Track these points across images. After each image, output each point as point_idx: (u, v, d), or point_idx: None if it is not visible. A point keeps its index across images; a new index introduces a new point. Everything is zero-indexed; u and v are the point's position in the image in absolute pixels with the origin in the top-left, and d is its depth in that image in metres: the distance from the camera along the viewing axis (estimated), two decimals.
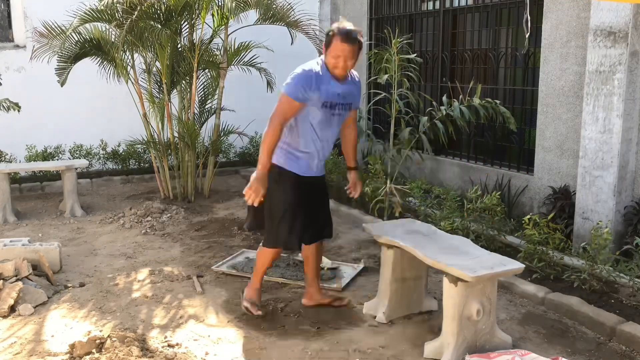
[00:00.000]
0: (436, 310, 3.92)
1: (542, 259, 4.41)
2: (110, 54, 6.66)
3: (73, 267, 4.81)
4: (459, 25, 6.81)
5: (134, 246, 5.39)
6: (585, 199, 4.78)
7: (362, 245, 5.39)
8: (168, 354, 3.31)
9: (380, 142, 5.58)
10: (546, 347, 3.49)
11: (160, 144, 6.96)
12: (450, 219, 5.10)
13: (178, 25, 6.55)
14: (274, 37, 7.42)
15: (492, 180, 6.11)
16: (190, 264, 4.89)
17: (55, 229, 5.95)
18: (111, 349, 3.23)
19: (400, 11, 7.74)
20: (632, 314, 3.74)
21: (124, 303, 4.10)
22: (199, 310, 3.99)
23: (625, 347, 3.46)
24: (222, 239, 5.60)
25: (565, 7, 5.25)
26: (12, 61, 7.78)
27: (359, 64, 8.79)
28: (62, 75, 6.73)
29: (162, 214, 6.29)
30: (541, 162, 5.61)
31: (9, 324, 3.74)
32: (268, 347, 3.46)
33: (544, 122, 5.55)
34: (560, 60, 5.34)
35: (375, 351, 3.41)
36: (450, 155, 6.93)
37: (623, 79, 4.46)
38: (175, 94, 7.07)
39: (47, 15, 6.87)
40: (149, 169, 8.10)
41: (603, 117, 4.62)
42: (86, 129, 8.13)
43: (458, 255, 3.36)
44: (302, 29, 6.90)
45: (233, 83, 7.60)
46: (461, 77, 6.77)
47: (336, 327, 3.71)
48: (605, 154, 4.62)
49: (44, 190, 7.57)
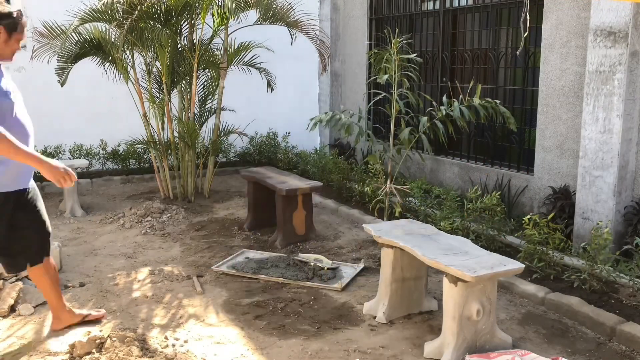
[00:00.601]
0: (436, 310, 3.92)
1: (542, 259, 4.41)
2: (110, 54, 6.66)
3: (73, 267, 4.81)
4: (459, 25, 6.81)
5: (134, 246, 5.39)
6: (585, 199, 4.78)
7: (362, 245, 5.40)
8: (168, 354, 3.31)
9: (380, 142, 5.58)
10: (546, 347, 3.49)
11: (161, 143, 6.96)
12: (450, 219, 5.10)
13: (178, 25, 6.55)
14: (274, 37, 7.43)
15: (492, 180, 6.11)
16: (190, 264, 4.89)
17: (55, 229, 5.94)
18: (111, 348, 3.23)
19: (400, 11, 7.74)
20: (632, 314, 3.74)
21: (124, 303, 4.10)
22: (199, 310, 3.99)
23: (625, 347, 3.46)
24: (222, 239, 5.60)
25: (565, 7, 5.25)
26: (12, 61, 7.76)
27: (359, 63, 8.75)
28: (62, 75, 6.73)
29: (162, 214, 6.29)
30: (541, 162, 5.61)
31: (9, 324, 3.74)
32: (268, 347, 3.46)
33: (544, 122, 5.55)
34: (560, 60, 5.34)
35: (375, 351, 3.41)
36: (450, 155, 6.93)
37: (623, 79, 4.46)
38: (176, 94, 7.07)
39: (47, 15, 6.87)
40: (149, 169, 8.10)
41: (603, 117, 4.62)
42: (86, 129, 8.13)
43: (458, 255, 3.36)
44: (302, 29, 6.90)
45: (233, 83, 7.61)
46: (461, 77, 6.77)
47: (336, 327, 3.71)
48: (605, 154, 4.62)
49: (44, 190, 7.56)
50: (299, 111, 9.20)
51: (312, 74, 9.46)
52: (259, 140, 8.98)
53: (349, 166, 7.31)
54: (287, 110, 9.22)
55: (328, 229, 5.89)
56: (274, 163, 8.36)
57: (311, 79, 9.53)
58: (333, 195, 6.95)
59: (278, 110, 9.12)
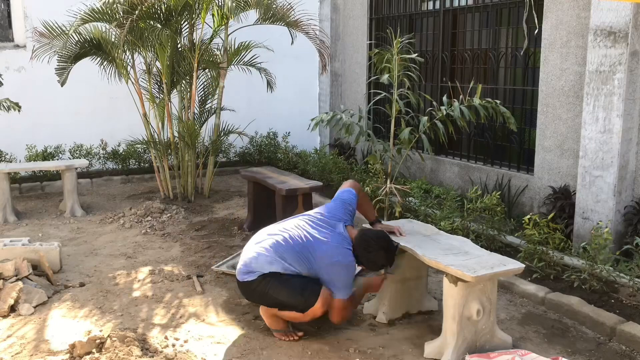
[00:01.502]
0: (436, 310, 3.92)
1: (542, 258, 4.41)
2: (110, 54, 6.66)
3: (73, 267, 4.81)
4: (459, 25, 6.81)
5: (134, 246, 5.39)
6: (585, 199, 4.78)
7: None
8: (168, 354, 3.31)
9: (380, 141, 5.57)
10: (546, 347, 3.49)
11: (161, 143, 6.96)
12: (450, 219, 5.10)
13: (178, 25, 6.55)
14: (274, 37, 7.43)
15: (492, 180, 6.11)
16: (190, 264, 4.89)
17: (55, 229, 5.95)
18: (111, 348, 3.23)
19: (400, 11, 7.74)
20: (632, 314, 3.74)
21: (124, 303, 4.10)
22: (199, 309, 3.99)
23: (625, 347, 3.46)
24: (222, 238, 5.60)
25: (565, 7, 5.25)
26: (12, 61, 7.78)
27: (359, 63, 8.71)
28: (62, 75, 6.73)
29: (162, 213, 6.29)
30: (541, 162, 5.61)
31: (9, 324, 3.74)
32: (268, 347, 3.46)
33: (544, 122, 5.55)
34: (561, 60, 5.34)
35: (375, 351, 3.41)
36: (450, 155, 6.93)
37: (623, 78, 4.46)
38: (176, 93, 7.07)
39: (47, 15, 6.87)
40: (149, 169, 8.10)
41: (603, 117, 4.62)
42: (86, 129, 8.13)
43: (458, 255, 3.36)
44: (302, 29, 6.90)
45: (233, 83, 7.60)
46: (461, 77, 6.77)
47: (336, 327, 3.71)
48: (605, 153, 4.62)
49: (44, 190, 7.57)
50: (299, 111, 9.20)
51: (312, 73, 9.46)
52: (259, 140, 8.98)
53: (349, 166, 7.31)
54: (287, 110, 9.21)
55: None
56: (274, 163, 8.35)
57: (311, 79, 9.53)
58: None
59: (278, 110, 9.12)
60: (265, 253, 3.45)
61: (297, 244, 3.44)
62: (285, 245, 3.45)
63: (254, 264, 3.45)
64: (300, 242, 3.44)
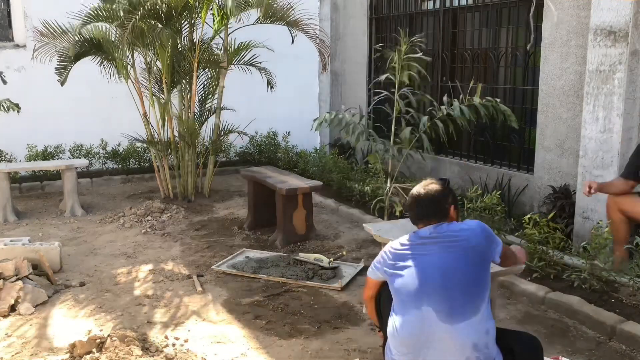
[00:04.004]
0: None
1: (542, 258, 4.41)
2: (110, 54, 6.66)
3: (73, 267, 4.81)
4: (459, 24, 6.81)
5: (134, 245, 5.39)
6: (586, 199, 4.77)
7: (362, 244, 5.40)
8: (168, 353, 3.31)
9: (381, 141, 5.58)
10: (546, 347, 3.48)
11: (161, 143, 6.96)
12: None
13: (179, 24, 6.55)
14: (273, 36, 7.43)
15: (492, 180, 6.11)
16: (190, 263, 4.89)
17: (56, 229, 5.95)
18: (111, 348, 3.23)
19: (400, 10, 7.74)
20: (632, 313, 3.74)
21: (124, 302, 4.10)
22: (200, 309, 3.99)
23: (625, 347, 3.46)
24: (222, 238, 5.60)
25: (565, 7, 5.25)
26: (12, 61, 7.78)
27: (359, 63, 8.68)
28: (62, 74, 6.73)
29: (162, 213, 6.29)
30: (541, 161, 5.61)
31: (9, 324, 3.74)
32: (268, 347, 3.46)
33: (544, 122, 5.55)
34: (561, 60, 5.34)
35: (376, 351, 3.41)
36: (450, 154, 6.93)
37: (623, 78, 4.45)
38: (176, 93, 7.07)
39: (47, 14, 6.87)
40: (149, 169, 8.10)
41: (603, 117, 4.61)
42: (86, 129, 8.13)
43: None
44: (302, 29, 6.90)
45: (233, 82, 7.60)
46: (461, 76, 6.77)
47: (336, 327, 3.71)
48: (606, 153, 4.62)
49: (44, 190, 7.57)
50: (299, 111, 9.20)
51: (312, 73, 9.45)
52: (259, 139, 8.98)
53: (349, 165, 7.31)
54: (287, 109, 9.21)
55: (328, 229, 5.89)
56: (274, 162, 8.35)
57: (311, 79, 9.53)
58: (333, 195, 6.95)
59: (278, 109, 9.11)
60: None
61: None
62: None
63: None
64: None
